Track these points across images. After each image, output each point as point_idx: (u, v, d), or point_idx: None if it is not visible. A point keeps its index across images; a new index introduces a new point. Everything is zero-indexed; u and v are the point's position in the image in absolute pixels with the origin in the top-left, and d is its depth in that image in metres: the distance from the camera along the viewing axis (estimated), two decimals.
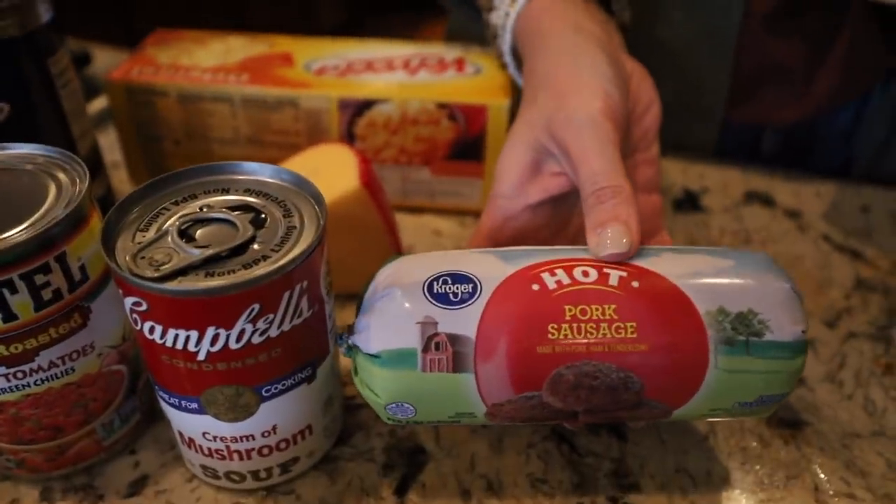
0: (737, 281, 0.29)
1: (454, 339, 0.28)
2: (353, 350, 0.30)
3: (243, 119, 0.49)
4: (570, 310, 0.28)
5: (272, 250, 0.28)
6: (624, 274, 0.29)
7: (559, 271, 0.29)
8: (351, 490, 0.33)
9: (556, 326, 0.28)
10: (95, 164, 0.45)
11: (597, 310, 0.28)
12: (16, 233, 0.27)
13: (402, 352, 0.28)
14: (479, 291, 0.28)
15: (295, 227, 0.29)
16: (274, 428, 0.31)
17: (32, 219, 0.28)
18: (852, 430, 0.36)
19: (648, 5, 0.54)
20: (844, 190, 0.55)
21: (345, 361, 0.40)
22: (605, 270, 0.29)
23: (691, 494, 0.33)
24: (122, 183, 0.54)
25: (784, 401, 0.31)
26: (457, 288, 0.28)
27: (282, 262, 0.27)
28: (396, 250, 0.43)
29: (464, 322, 0.28)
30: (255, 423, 0.30)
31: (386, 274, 0.30)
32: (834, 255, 0.48)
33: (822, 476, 0.34)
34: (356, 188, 0.39)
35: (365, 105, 0.48)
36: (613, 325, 0.28)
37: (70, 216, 0.28)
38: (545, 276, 0.29)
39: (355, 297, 0.44)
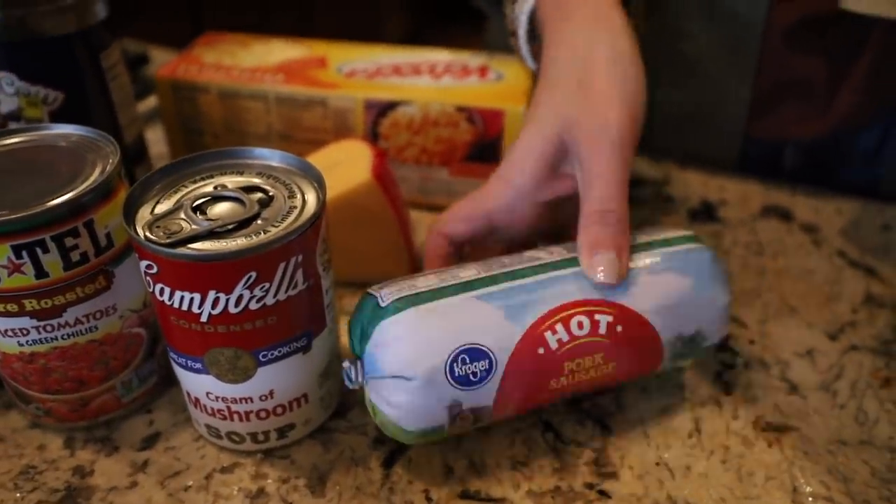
0: (692, 307, 0.35)
1: (476, 409, 0.32)
2: (374, 407, 0.33)
3: (276, 116, 0.52)
4: (568, 366, 0.33)
5: (273, 225, 0.30)
6: (610, 319, 0.33)
7: (559, 327, 0.32)
8: (342, 459, 0.36)
9: (556, 381, 0.33)
10: (139, 152, 0.49)
11: (588, 360, 0.33)
12: (50, 199, 0.31)
13: (431, 429, 0.32)
14: (494, 366, 0.32)
15: (296, 207, 0.31)
16: (271, 392, 0.33)
17: (67, 188, 0.31)
18: (840, 437, 0.36)
19: (670, 18, 0.55)
20: (867, 208, 0.54)
21: (345, 340, 0.42)
22: (596, 317, 0.33)
23: (668, 486, 0.34)
24: None
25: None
26: (475, 367, 0.31)
27: (277, 235, 0.29)
28: (408, 244, 0.45)
29: (484, 396, 0.32)
30: (253, 386, 0.33)
31: (397, 336, 0.31)
32: (847, 271, 0.48)
33: (801, 479, 0.34)
34: (367, 180, 0.42)
35: (389, 106, 0.51)
36: (599, 368, 0.34)
37: (100, 187, 0.31)
38: (548, 335, 0.32)
39: (365, 285, 0.47)
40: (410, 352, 0.31)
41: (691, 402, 0.38)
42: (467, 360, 0.31)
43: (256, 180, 0.33)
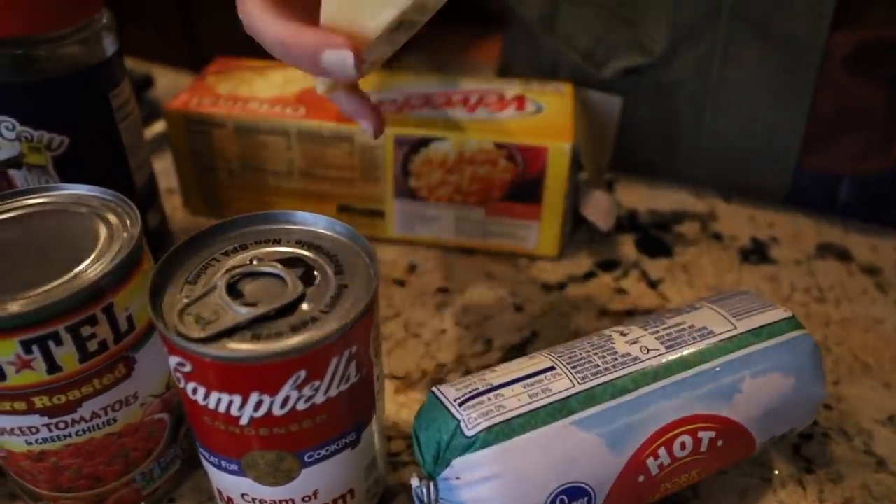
0: (791, 408, 0.32)
1: None
2: None
3: (298, 152, 0.48)
4: (665, 486, 0.30)
5: (322, 312, 0.26)
6: (713, 434, 0.30)
7: (662, 451, 0.29)
8: None
9: (649, 498, 0.31)
10: (151, 195, 0.45)
11: (685, 477, 0.31)
12: (64, 282, 0.27)
13: None
14: (593, 502, 0.28)
15: (346, 287, 0.27)
16: (315, 493, 0.29)
17: (81, 266, 0.27)
18: None
19: (720, 41, 0.51)
20: None
21: (389, 414, 0.38)
22: (699, 435, 0.30)
23: None
24: (177, 209, 0.54)
25: None
26: None
27: (330, 330, 0.25)
28: None
29: None
30: (295, 487, 0.29)
31: (489, 476, 0.27)
32: None
33: None
34: None
35: (421, 142, 0.47)
36: (692, 480, 0.31)
37: (119, 267, 0.27)
38: (650, 461, 0.29)
39: None
40: (503, 496, 0.27)
41: (772, 481, 0.35)
42: (566, 501, 0.27)
43: (298, 251, 0.29)
